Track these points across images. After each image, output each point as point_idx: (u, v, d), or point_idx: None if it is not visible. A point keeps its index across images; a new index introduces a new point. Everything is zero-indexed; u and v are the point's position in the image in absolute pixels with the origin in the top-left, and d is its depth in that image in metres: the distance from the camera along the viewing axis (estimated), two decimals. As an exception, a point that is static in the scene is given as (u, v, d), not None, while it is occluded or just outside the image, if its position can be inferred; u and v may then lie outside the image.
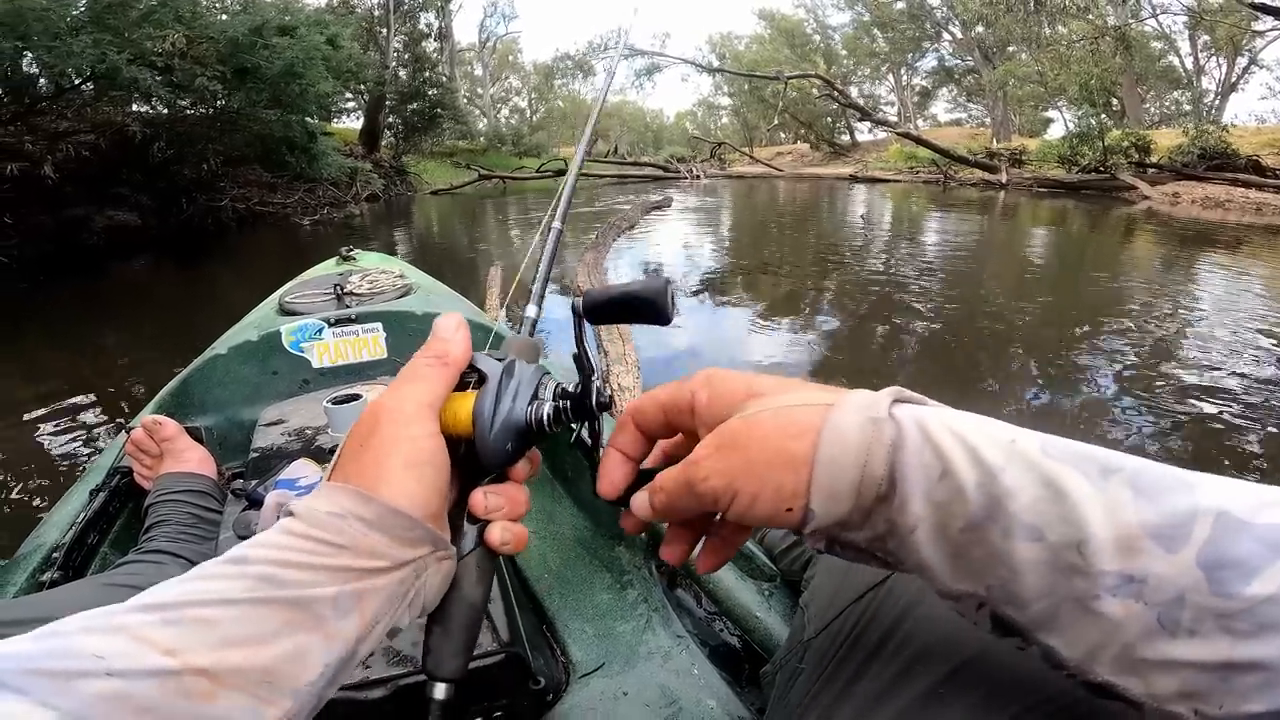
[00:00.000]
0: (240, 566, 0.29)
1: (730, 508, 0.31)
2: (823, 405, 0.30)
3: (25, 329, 4.57)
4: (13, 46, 6.23)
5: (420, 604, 0.34)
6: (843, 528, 0.30)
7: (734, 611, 0.78)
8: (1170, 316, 4.24)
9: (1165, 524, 0.24)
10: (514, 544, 0.38)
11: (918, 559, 0.29)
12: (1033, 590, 0.26)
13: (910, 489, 0.28)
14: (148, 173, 8.65)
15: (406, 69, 19.92)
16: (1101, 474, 0.26)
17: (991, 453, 0.27)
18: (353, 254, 2.15)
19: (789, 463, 0.30)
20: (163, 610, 0.27)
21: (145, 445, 1.12)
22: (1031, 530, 0.26)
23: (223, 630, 0.27)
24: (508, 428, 0.36)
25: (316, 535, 0.31)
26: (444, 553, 0.35)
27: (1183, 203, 11.21)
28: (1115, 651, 0.25)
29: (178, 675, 0.26)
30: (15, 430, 2.73)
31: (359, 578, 0.31)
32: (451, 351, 0.37)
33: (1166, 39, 22.39)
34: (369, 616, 0.31)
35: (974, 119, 32.61)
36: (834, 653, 0.49)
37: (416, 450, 0.33)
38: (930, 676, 0.41)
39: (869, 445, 0.28)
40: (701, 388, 0.35)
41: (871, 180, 17.98)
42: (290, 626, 0.29)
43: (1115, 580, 0.24)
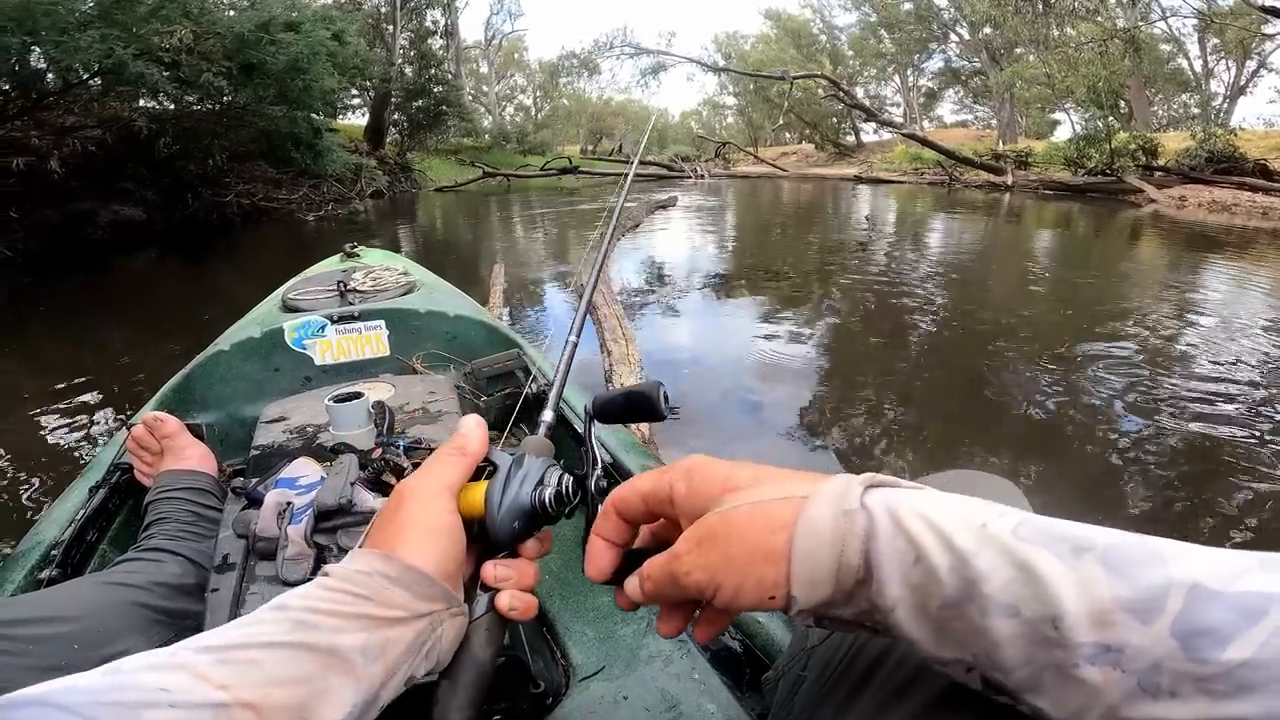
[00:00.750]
0: (282, 613, 0.35)
1: (715, 598, 0.34)
2: (797, 498, 0.32)
3: (29, 323, 4.59)
4: (20, 41, 6.26)
5: (435, 657, 0.38)
6: (828, 607, 0.32)
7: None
8: (1176, 322, 4.22)
9: (1138, 598, 0.25)
10: (521, 611, 0.42)
11: (900, 634, 0.30)
12: (1013, 660, 0.27)
13: (886, 575, 0.29)
14: (153, 168, 8.68)
15: (412, 66, 19.93)
16: (1073, 553, 0.27)
17: (963, 538, 0.28)
18: (357, 250, 2.14)
19: (768, 557, 0.32)
20: (219, 651, 0.32)
21: (146, 442, 1.11)
22: (1007, 609, 0.27)
23: (267, 670, 0.32)
24: (514, 509, 0.42)
25: (345, 588, 0.36)
26: (457, 609, 0.39)
27: (1189, 206, 11.16)
28: (1100, 713, 0.26)
29: (229, 708, 0.30)
30: (17, 425, 2.73)
31: (381, 626, 0.35)
32: (470, 446, 0.44)
33: (1175, 41, 22.30)
34: (391, 663, 0.35)
35: (980, 120, 32.54)
36: (838, 661, 0.49)
37: (433, 521, 0.40)
38: (936, 687, 0.40)
39: (843, 536, 0.30)
40: (680, 480, 0.37)
41: (876, 181, 17.94)
42: (325, 670, 0.33)
43: (1092, 650, 0.25)
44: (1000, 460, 2.45)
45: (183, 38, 7.35)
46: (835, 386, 3.23)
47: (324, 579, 0.37)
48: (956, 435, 2.68)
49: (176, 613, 0.79)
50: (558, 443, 0.49)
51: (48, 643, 0.66)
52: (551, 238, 8.53)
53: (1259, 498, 2.15)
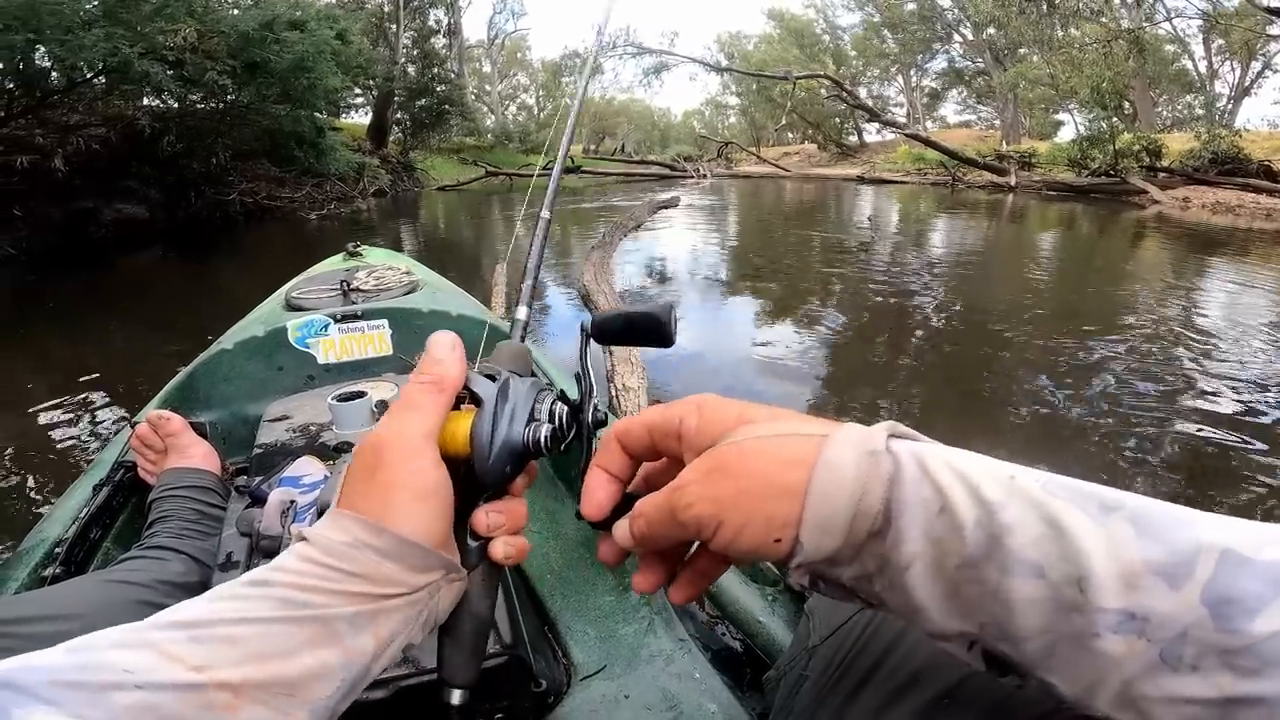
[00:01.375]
0: (263, 589, 0.31)
1: (715, 537, 0.30)
2: (817, 436, 0.30)
3: (32, 321, 4.60)
4: (25, 40, 6.27)
5: (431, 622, 0.36)
6: (830, 564, 0.29)
7: (737, 616, 0.78)
8: (1180, 324, 4.21)
9: (1169, 560, 0.24)
10: (516, 556, 0.39)
11: (908, 598, 0.28)
12: (1028, 628, 0.26)
13: (907, 524, 0.27)
14: (157, 166, 8.70)
15: (415, 65, 19.94)
16: (1102, 510, 0.25)
17: (991, 489, 0.27)
18: (360, 250, 2.14)
19: (782, 492, 0.29)
20: (190, 628, 0.29)
21: (150, 440, 1.12)
22: (1031, 567, 0.25)
23: (247, 647, 0.29)
24: (505, 449, 0.37)
25: (332, 563, 0.32)
26: (455, 574, 0.36)
27: (1193, 207, 11.13)
28: (1115, 688, 0.25)
29: (203, 689, 0.27)
30: (21, 423, 2.74)
31: (375, 602, 0.32)
32: (447, 375, 0.37)
33: (1180, 42, 22.23)
34: (385, 635, 0.33)
35: (983, 121, 32.48)
36: (840, 660, 0.49)
37: (423, 482, 0.34)
38: (937, 686, 0.41)
39: (866, 478, 0.28)
40: (691, 413, 0.34)
41: (879, 181, 17.92)
42: (311, 643, 0.30)
43: (1116, 618, 0.24)
44: (1002, 458, 2.44)
45: (187, 36, 7.37)
46: (837, 385, 3.23)
47: (304, 548, 0.33)
48: (958, 433, 2.68)
49: (180, 610, 0.79)
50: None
51: (50, 641, 0.65)
52: (554, 237, 8.52)
53: (1260, 497, 2.15)
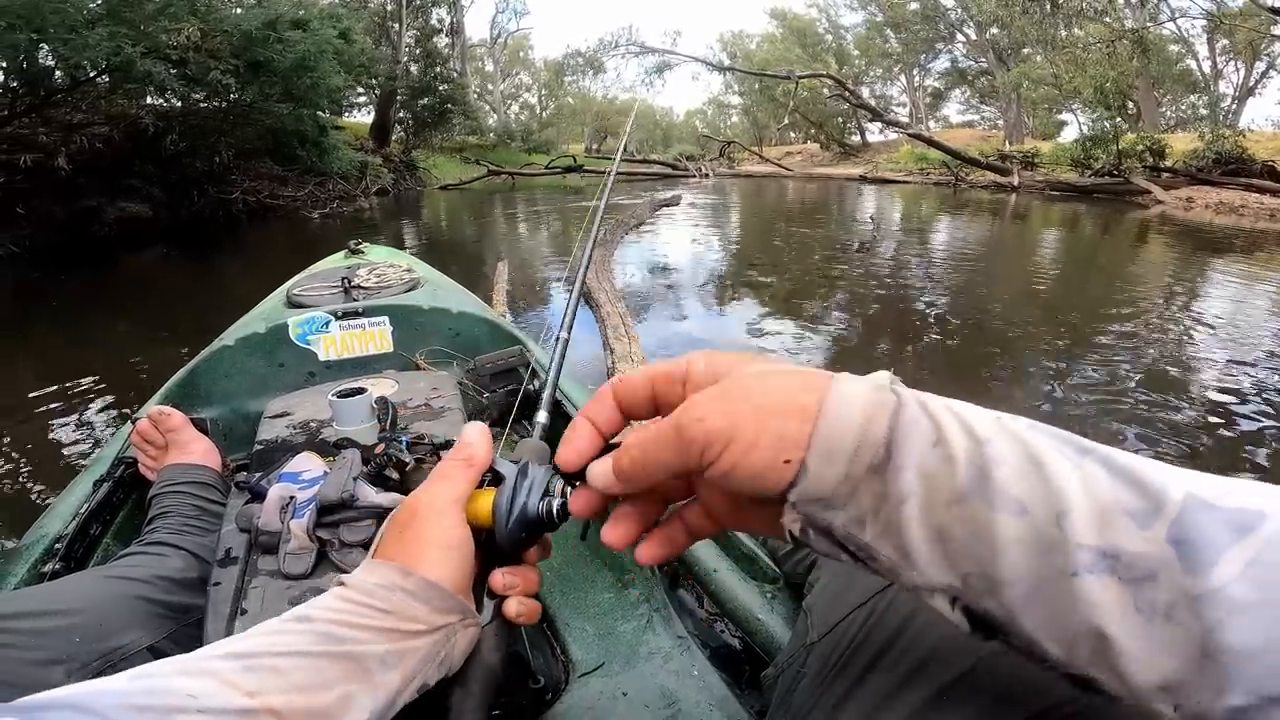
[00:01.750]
0: (306, 624, 0.36)
1: (721, 456, 0.30)
2: (827, 374, 0.31)
3: (35, 318, 4.61)
4: (29, 39, 6.29)
5: (449, 664, 0.40)
6: (825, 505, 0.29)
7: (736, 613, 0.78)
8: (1183, 325, 4.20)
9: (1137, 500, 0.25)
10: (527, 616, 0.44)
11: (899, 539, 0.28)
12: (1012, 570, 0.26)
13: (906, 455, 0.28)
14: (160, 165, 8.71)
15: (418, 64, 19.96)
16: (1078, 452, 0.27)
17: (981, 425, 0.28)
18: (361, 247, 2.15)
19: (795, 411, 0.29)
20: (244, 658, 0.34)
21: (151, 436, 1.12)
22: (1015, 504, 0.26)
23: (291, 677, 0.33)
24: (521, 520, 0.43)
25: (366, 601, 0.38)
26: (471, 620, 0.41)
27: (1197, 207, 11.10)
28: (1093, 639, 0.25)
29: (255, 714, 0.31)
30: (22, 419, 2.75)
31: (401, 638, 0.37)
32: (476, 455, 0.44)
33: (1184, 42, 22.17)
34: (408, 673, 0.37)
35: (987, 121, 32.42)
36: (838, 657, 0.49)
37: (448, 537, 0.41)
38: (935, 682, 0.41)
39: (873, 408, 0.28)
40: (699, 358, 0.34)
41: (882, 181, 17.89)
42: (345, 678, 0.35)
43: (1092, 556, 0.25)
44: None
45: (190, 35, 7.38)
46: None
47: (343, 590, 0.39)
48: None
49: (178, 606, 0.79)
50: (553, 437, 0.48)
51: (49, 636, 0.66)
52: (556, 236, 8.53)
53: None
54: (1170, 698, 0.24)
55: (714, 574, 0.81)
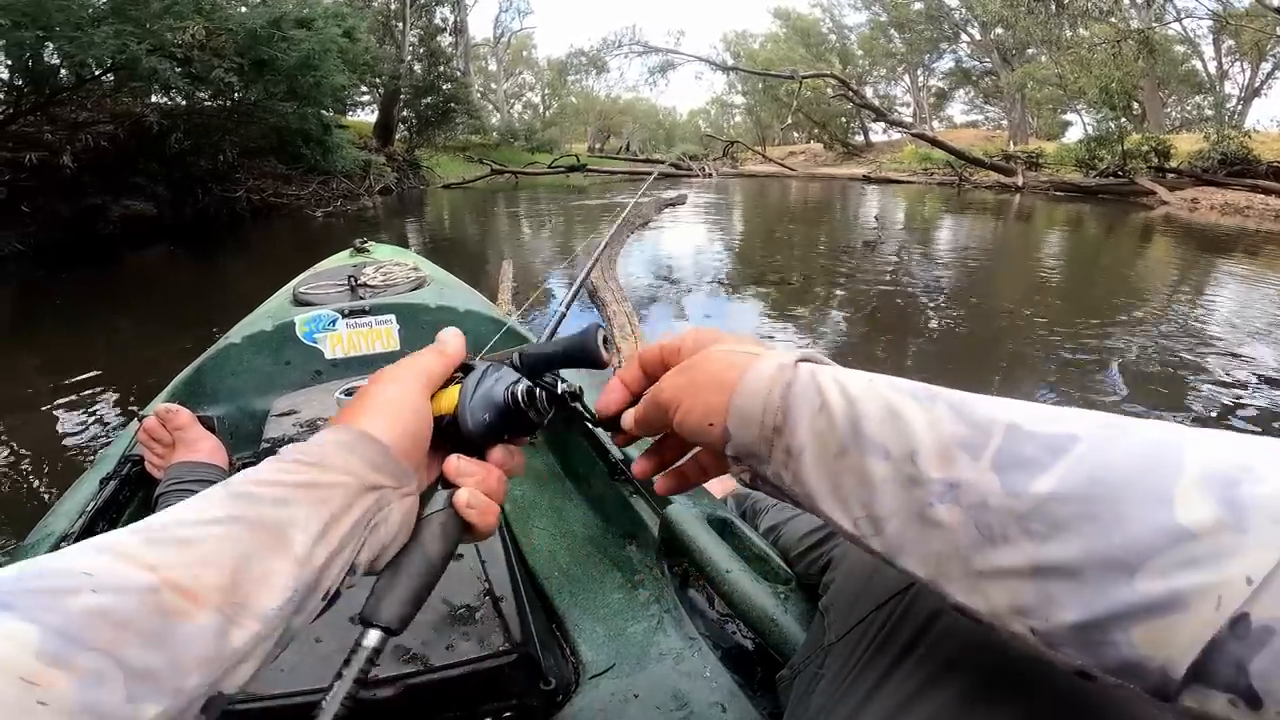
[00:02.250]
0: (224, 488, 0.33)
1: (675, 417, 0.39)
2: (755, 354, 0.37)
3: (40, 316, 4.62)
4: (34, 37, 6.30)
5: (379, 543, 0.36)
6: (756, 459, 0.36)
7: (749, 614, 0.77)
8: (1185, 325, 4.18)
9: (970, 434, 0.28)
10: (479, 513, 0.40)
11: (805, 486, 0.34)
12: (886, 507, 0.30)
13: (797, 418, 0.34)
14: (164, 163, 8.72)
15: (421, 63, 19.95)
16: (928, 398, 0.31)
17: (854, 388, 0.33)
18: (367, 246, 2.14)
19: (718, 386, 0.37)
20: (150, 531, 0.30)
21: (158, 434, 1.11)
22: (880, 448, 0.30)
23: (202, 549, 0.29)
24: (486, 400, 0.41)
25: (294, 456, 0.35)
26: (407, 489, 0.38)
27: (1201, 208, 11.07)
28: (957, 566, 0.28)
29: (157, 591, 0.27)
30: (28, 417, 2.75)
31: (326, 497, 0.33)
32: (449, 347, 0.44)
33: (1190, 43, 22.08)
34: (334, 543, 0.33)
35: (991, 121, 32.35)
36: (857, 658, 0.48)
37: (400, 399, 0.39)
38: (959, 684, 0.40)
39: (773, 383, 0.35)
40: (689, 336, 0.43)
41: (885, 181, 17.86)
42: (263, 549, 0.31)
43: (940, 487, 0.28)
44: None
45: (195, 34, 7.38)
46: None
47: (274, 455, 0.35)
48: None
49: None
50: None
51: None
52: (559, 235, 8.53)
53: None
54: (1024, 619, 0.26)
55: (726, 575, 0.81)
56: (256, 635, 0.30)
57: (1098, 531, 0.24)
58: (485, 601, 0.74)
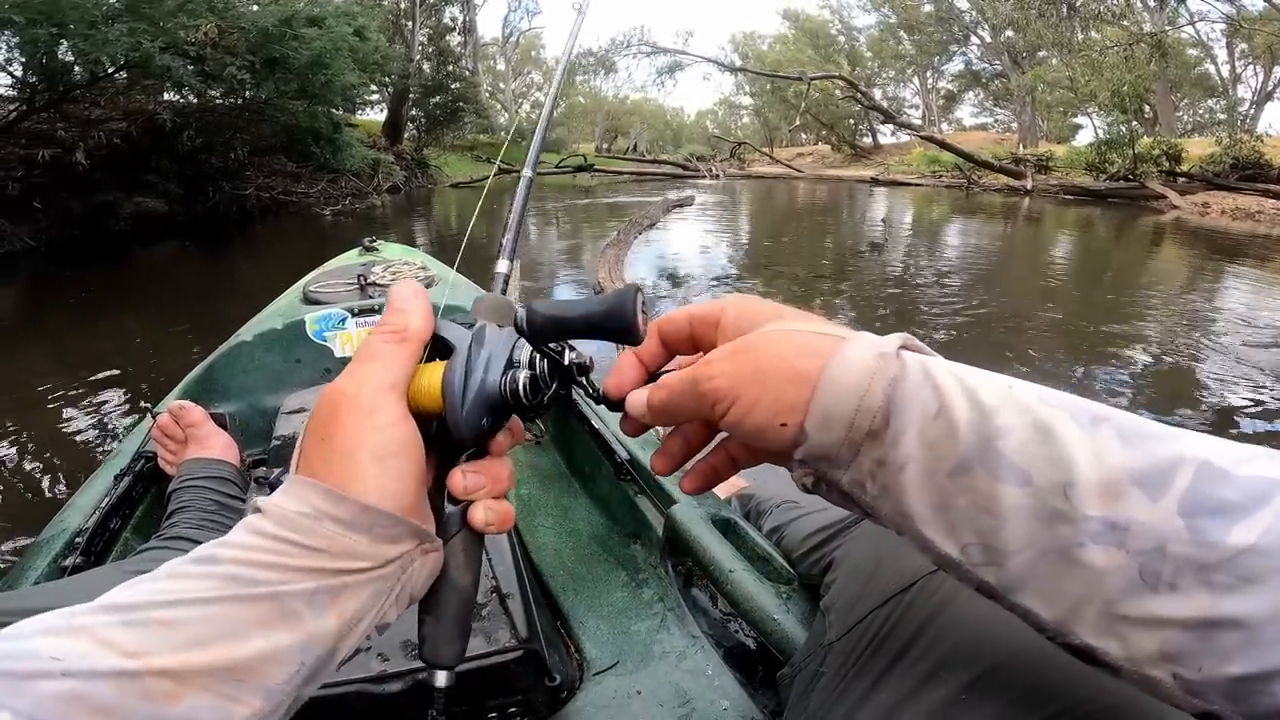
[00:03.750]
0: (208, 566, 0.28)
1: (729, 412, 0.32)
2: (837, 337, 0.31)
3: (51, 313, 4.67)
4: (49, 34, 6.35)
5: (407, 598, 0.33)
6: (830, 464, 0.30)
7: (751, 614, 0.78)
8: (1197, 334, 4.16)
9: (1149, 470, 0.24)
10: (498, 523, 0.36)
11: (899, 503, 0.28)
12: (1015, 540, 0.26)
13: (905, 424, 0.28)
14: (176, 161, 8.79)
15: (430, 62, 20.03)
16: (1092, 421, 0.26)
17: (988, 395, 0.28)
18: (376, 245, 2.16)
19: (795, 377, 0.30)
20: (125, 611, 0.27)
21: (171, 430, 1.13)
22: (1019, 474, 0.26)
23: (188, 631, 0.26)
24: (481, 401, 0.34)
25: (288, 536, 0.29)
26: (429, 545, 0.33)
27: (1212, 213, 10.98)
28: (1096, 608, 0.25)
29: (138, 677, 0.25)
30: (40, 411, 2.78)
31: (338, 576, 0.29)
32: (410, 324, 0.34)
33: (1203, 46, 21.92)
34: (350, 614, 0.30)
35: (1000, 124, 32.22)
36: (857, 656, 0.49)
37: (385, 441, 0.31)
38: (956, 681, 0.41)
39: (871, 376, 0.29)
40: (732, 305, 0.35)
41: (893, 184, 17.80)
42: (262, 624, 0.27)
43: (1099, 527, 0.24)
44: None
45: (208, 32, 7.44)
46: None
47: (258, 520, 0.30)
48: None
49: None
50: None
51: None
52: (566, 234, 8.55)
53: None
54: (1170, 666, 0.24)
55: (729, 574, 0.82)
56: (258, 711, 0.27)
57: None
58: (492, 598, 0.75)
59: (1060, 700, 0.36)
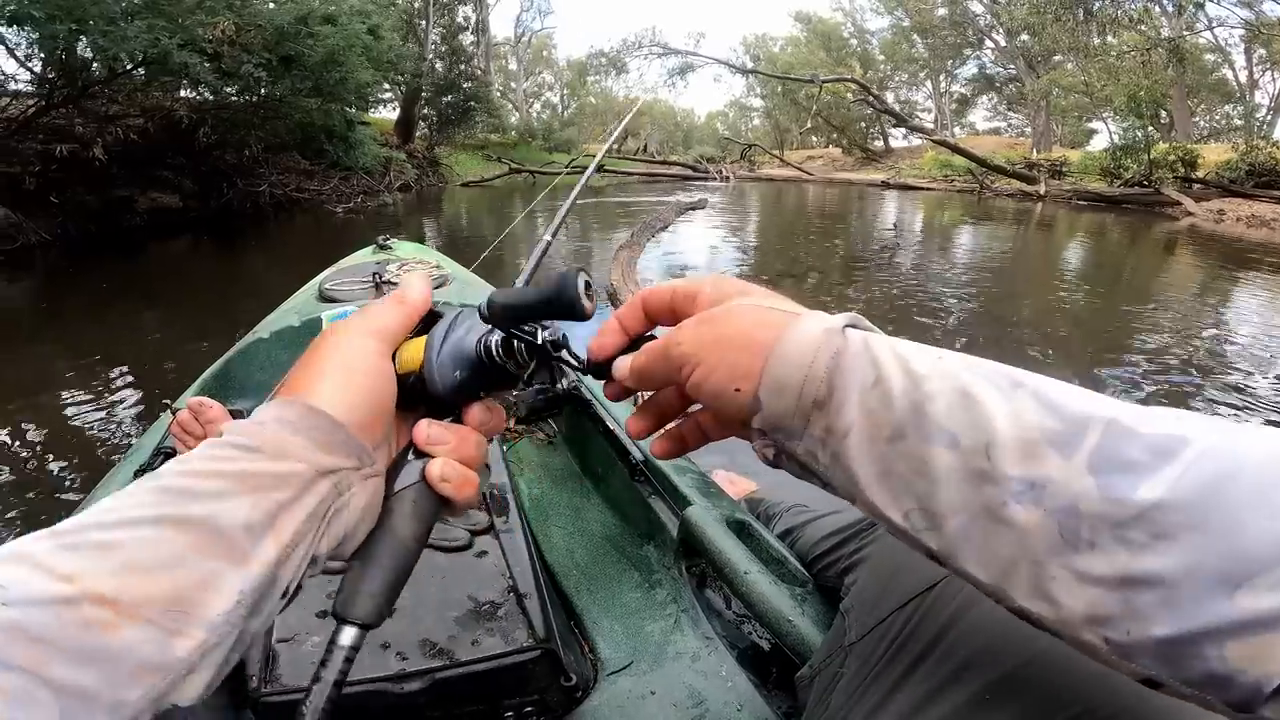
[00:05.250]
0: (152, 480, 0.28)
1: (690, 376, 0.34)
2: (793, 314, 0.33)
3: (67, 306, 4.71)
4: (68, 30, 6.42)
5: (341, 530, 0.31)
6: (785, 435, 0.32)
7: (766, 615, 0.78)
8: (1207, 341, 4.12)
9: (1060, 430, 0.25)
10: (455, 484, 0.35)
11: (847, 471, 0.30)
12: (949, 503, 0.27)
13: (846, 393, 0.30)
14: (191, 157, 8.88)
15: (443, 61, 20.13)
16: (1011, 385, 0.28)
17: (920, 364, 0.29)
18: (389, 243, 2.18)
19: (749, 346, 0.32)
20: (65, 535, 0.26)
21: (191, 427, 1.14)
22: (947, 436, 0.27)
23: (125, 554, 0.25)
24: (456, 353, 0.36)
25: (231, 440, 0.29)
26: (369, 470, 0.32)
27: (1228, 220, 10.87)
28: (1026, 569, 0.25)
29: (76, 603, 0.24)
30: (54, 407, 2.81)
31: (272, 487, 0.29)
32: (409, 294, 0.38)
33: (1221, 51, 21.71)
34: (286, 538, 0.29)
35: (1014, 128, 31.99)
36: (879, 657, 0.49)
37: (351, 356, 0.33)
38: (978, 682, 0.41)
39: (817, 348, 0.31)
40: (709, 282, 0.37)
41: (904, 187, 17.72)
42: (199, 551, 0.27)
43: (1019, 486, 0.25)
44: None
45: (225, 29, 7.50)
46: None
47: (212, 439, 0.30)
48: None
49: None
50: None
51: None
52: (575, 235, 8.56)
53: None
54: (1099, 629, 0.24)
55: (744, 576, 0.82)
56: (203, 644, 0.26)
57: (1203, 544, 0.22)
58: (509, 598, 0.76)
59: (1082, 702, 0.36)
